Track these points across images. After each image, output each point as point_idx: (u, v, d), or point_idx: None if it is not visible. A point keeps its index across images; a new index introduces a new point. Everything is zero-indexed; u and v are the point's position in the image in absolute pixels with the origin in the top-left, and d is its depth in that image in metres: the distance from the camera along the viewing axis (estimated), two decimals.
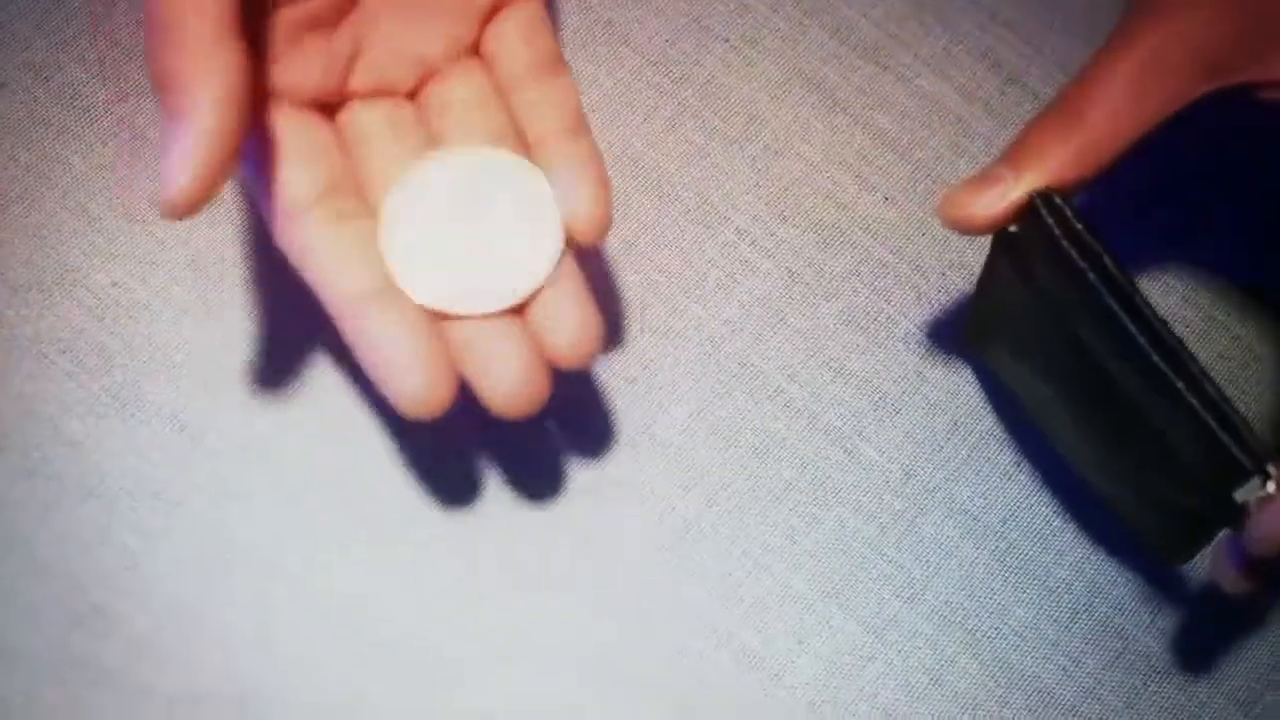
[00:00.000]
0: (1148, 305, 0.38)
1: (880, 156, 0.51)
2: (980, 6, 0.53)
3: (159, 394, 0.47)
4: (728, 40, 0.52)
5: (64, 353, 0.47)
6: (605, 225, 0.41)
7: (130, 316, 0.47)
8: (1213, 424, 0.37)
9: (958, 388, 0.49)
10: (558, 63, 0.43)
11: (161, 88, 0.36)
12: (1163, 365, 0.37)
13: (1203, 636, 0.47)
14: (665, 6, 0.52)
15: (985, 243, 0.50)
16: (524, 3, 0.43)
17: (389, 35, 0.42)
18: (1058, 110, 0.39)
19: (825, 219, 0.50)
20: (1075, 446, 0.44)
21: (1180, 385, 0.37)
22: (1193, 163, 0.51)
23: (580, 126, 0.42)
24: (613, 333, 0.49)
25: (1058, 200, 0.39)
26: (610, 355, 0.48)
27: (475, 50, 0.43)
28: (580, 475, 0.47)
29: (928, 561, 0.47)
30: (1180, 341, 0.37)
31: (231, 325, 0.47)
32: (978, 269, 0.50)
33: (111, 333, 0.47)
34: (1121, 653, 0.46)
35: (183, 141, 0.36)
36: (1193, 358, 0.37)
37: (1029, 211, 0.39)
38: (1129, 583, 0.47)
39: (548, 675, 0.45)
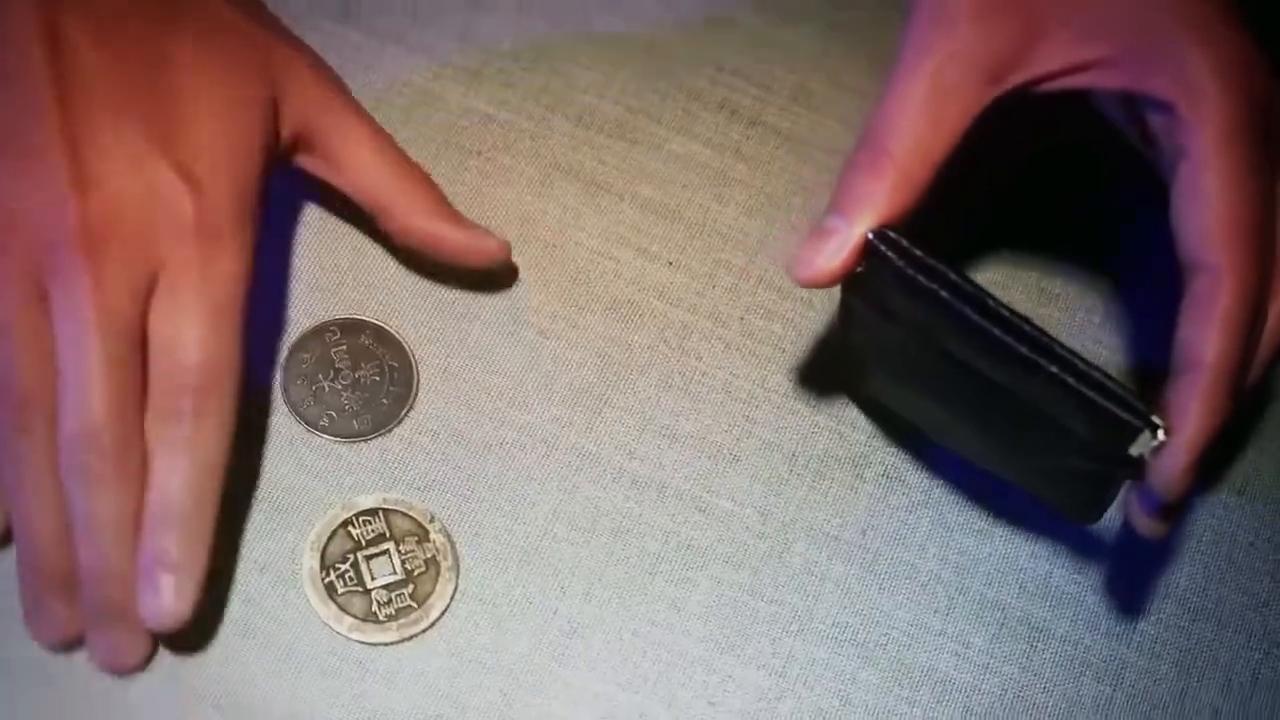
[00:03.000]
0: (1002, 305, 0.40)
1: (653, 225, 0.53)
2: (706, 62, 0.55)
3: None
4: (480, 153, 0.53)
5: None
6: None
7: None
8: (1093, 396, 0.40)
9: (785, 422, 0.51)
10: None
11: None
12: (1032, 355, 0.40)
13: (1068, 587, 0.49)
14: (414, 136, 0.53)
15: (773, 281, 0.52)
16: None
17: None
18: (865, 151, 0.41)
19: (619, 296, 0.52)
20: (976, 448, 0.47)
21: (1054, 369, 0.40)
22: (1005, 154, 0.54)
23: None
24: (451, 461, 0.49)
25: (892, 234, 0.41)
26: (454, 483, 0.49)
27: None
28: (459, 602, 0.48)
29: (805, 591, 0.49)
30: (1040, 329, 0.40)
31: None
32: (772, 306, 0.52)
33: None
34: (1003, 623, 0.49)
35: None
36: (1056, 340, 0.40)
37: (869, 251, 0.41)
38: (990, 557, 0.49)
39: None
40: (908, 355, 0.44)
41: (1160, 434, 0.40)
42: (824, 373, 0.51)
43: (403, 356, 0.50)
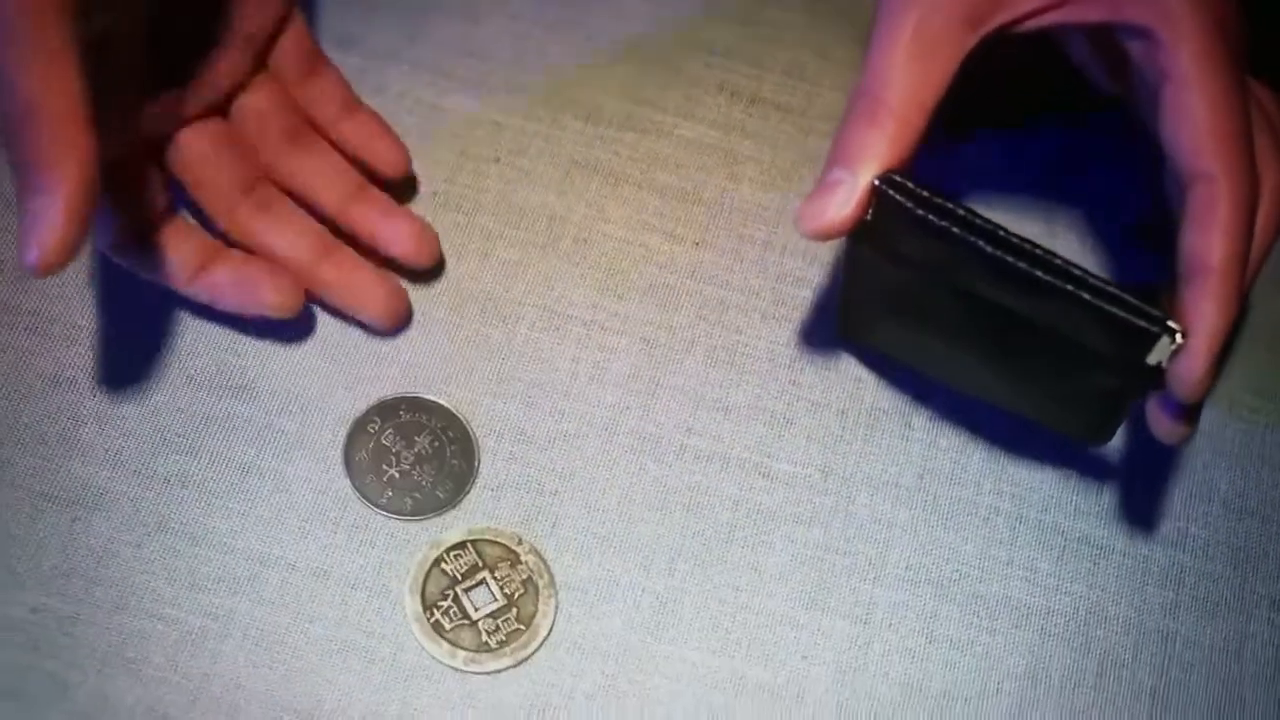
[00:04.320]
0: (1013, 234, 0.42)
1: (674, 209, 0.55)
2: (699, 48, 0.57)
3: None
4: (498, 159, 0.55)
5: None
6: (403, 159, 0.52)
7: None
8: (1110, 308, 0.42)
9: (829, 380, 0.53)
10: (321, 61, 0.53)
11: (29, 166, 0.41)
12: (1047, 277, 0.42)
13: (1119, 502, 0.52)
14: (431, 149, 0.54)
15: (798, 248, 0.54)
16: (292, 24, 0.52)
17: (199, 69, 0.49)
18: (862, 102, 0.43)
19: (654, 281, 0.53)
20: (987, 384, 0.49)
21: (1069, 287, 0.42)
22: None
23: (354, 103, 0.52)
24: (520, 459, 0.50)
25: (898, 178, 0.43)
26: (527, 480, 0.50)
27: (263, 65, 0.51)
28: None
29: (875, 539, 0.51)
30: (1051, 252, 0.42)
31: None
32: (800, 272, 0.54)
33: None
34: (1065, 545, 0.51)
35: (52, 211, 0.41)
36: (1068, 261, 0.42)
37: (877, 198, 0.43)
38: (1042, 483, 0.52)
39: None
40: (919, 298, 0.46)
41: (1178, 337, 0.42)
42: None
43: (448, 416, 0.51)
